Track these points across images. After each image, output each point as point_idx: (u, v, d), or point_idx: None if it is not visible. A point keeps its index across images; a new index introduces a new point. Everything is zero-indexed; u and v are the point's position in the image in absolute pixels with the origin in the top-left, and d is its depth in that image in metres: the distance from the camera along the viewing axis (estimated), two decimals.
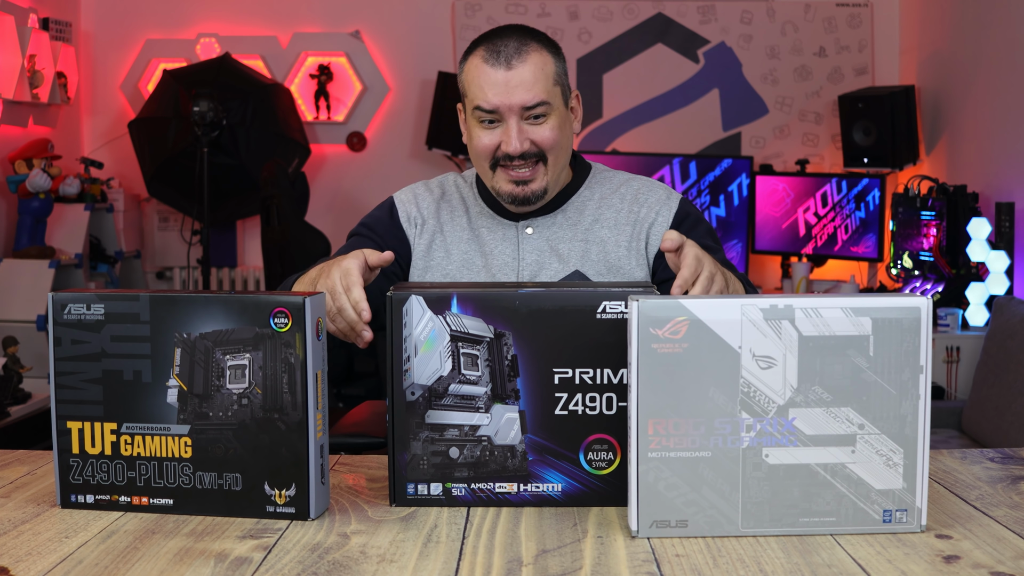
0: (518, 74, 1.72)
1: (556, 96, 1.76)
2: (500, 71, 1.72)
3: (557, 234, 1.83)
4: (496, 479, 1.36)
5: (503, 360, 1.35)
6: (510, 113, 1.73)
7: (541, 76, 1.73)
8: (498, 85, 1.72)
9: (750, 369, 1.25)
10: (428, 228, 1.86)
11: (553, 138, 1.75)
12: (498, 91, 1.72)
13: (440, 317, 1.35)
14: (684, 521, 1.26)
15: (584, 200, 1.86)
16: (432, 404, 1.36)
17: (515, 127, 1.73)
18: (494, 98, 1.72)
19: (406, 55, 5.46)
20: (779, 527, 1.26)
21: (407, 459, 1.37)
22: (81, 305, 1.36)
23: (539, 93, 1.73)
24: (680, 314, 1.24)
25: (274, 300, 1.32)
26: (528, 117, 1.73)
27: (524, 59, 1.73)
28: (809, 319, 1.24)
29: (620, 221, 1.84)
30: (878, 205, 4.81)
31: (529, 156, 1.75)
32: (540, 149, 1.75)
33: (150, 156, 5.13)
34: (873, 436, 1.26)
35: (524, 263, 1.81)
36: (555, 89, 1.76)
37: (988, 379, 3.60)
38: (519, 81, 1.72)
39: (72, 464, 1.37)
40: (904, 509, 1.27)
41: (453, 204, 1.88)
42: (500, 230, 1.84)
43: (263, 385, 1.33)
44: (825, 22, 5.32)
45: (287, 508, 1.33)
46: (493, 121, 1.74)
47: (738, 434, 1.25)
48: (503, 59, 1.73)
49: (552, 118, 1.75)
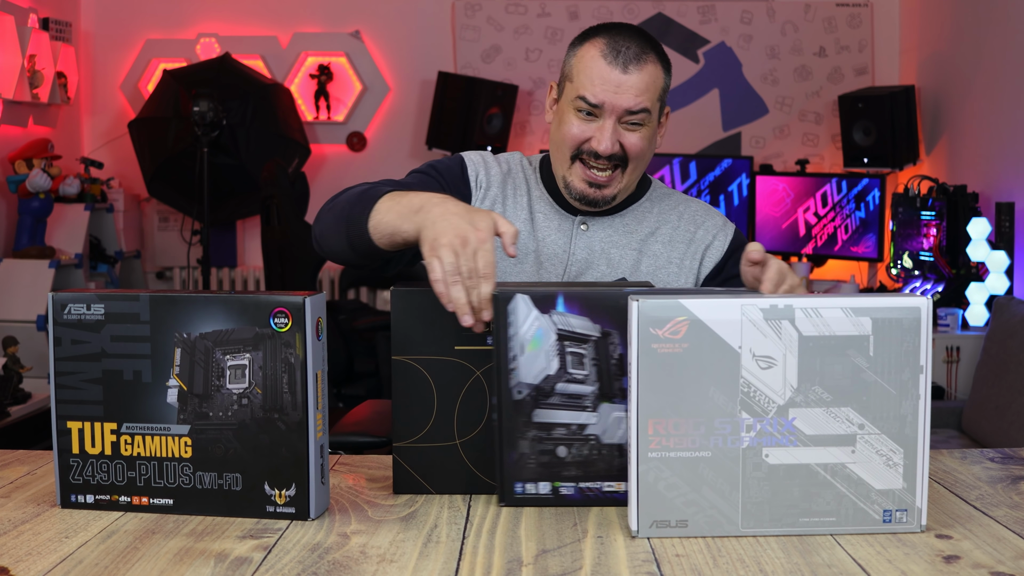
0: (631, 79, 1.71)
1: (656, 109, 1.77)
2: (616, 71, 1.71)
3: (612, 238, 1.83)
4: (604, 478, 1.36)
5: (610, 359, 1.35)
6: (611, 113, 1.72)
7: (652, 87, 1.74)
8: (609, 84, 1.71)
9: (750, 369, 1.25)
10: (491, 196, 1.84)
11: (640, 147, 1.75)
12: (608, 89, 1.72)
13: (546, 316, 1.35)
14: (684, 521, 1.26)
15: (644, 211, 1.86)
16: (539, 403, 1.35)
17: (610, 127, 1.73)
18: (602, 94, 1.72)
19: (406, 55, 5.46)
20: (779, 527, 1.26)
21: (515, 458, 1.36)
22: (81, 305, 1.36)
23: (645, 101, 1.73)
24: (680, 314, 1.24)
25: (274, 300, 1.32)
26: (625, 121, 1.73)
27: (641, 67, 1.72)
28: (809, 319, 1.24)
29: (675, 238, 1.84)
30: (878, 205, 4.81)
31: (613, 159, 1.75)
32: (625, 154, 1.75)
33: (150, 156, 5.13)
34: (873, 436, 1.26)
35: (573, 258, 1.81)
36: (658, 104, 1.77)
37: (988, 379, 3.60)
38: (631, 85, 1.71)
39: (72, 464, 1.37)
40: (904, 509, 1.27)
41: (516, 182, 1.87)
42: (556, 219, 1.84)
43: (263, 385, 1.33)
44: (825, 22, 5.32)
45: (287, 508, 1.33)
46: (591, 115, 1.74)
47: (738, 434, 1.25)
48: (621, 60, 1.72)
49: (646, 128, 1.75)
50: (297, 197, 4.89)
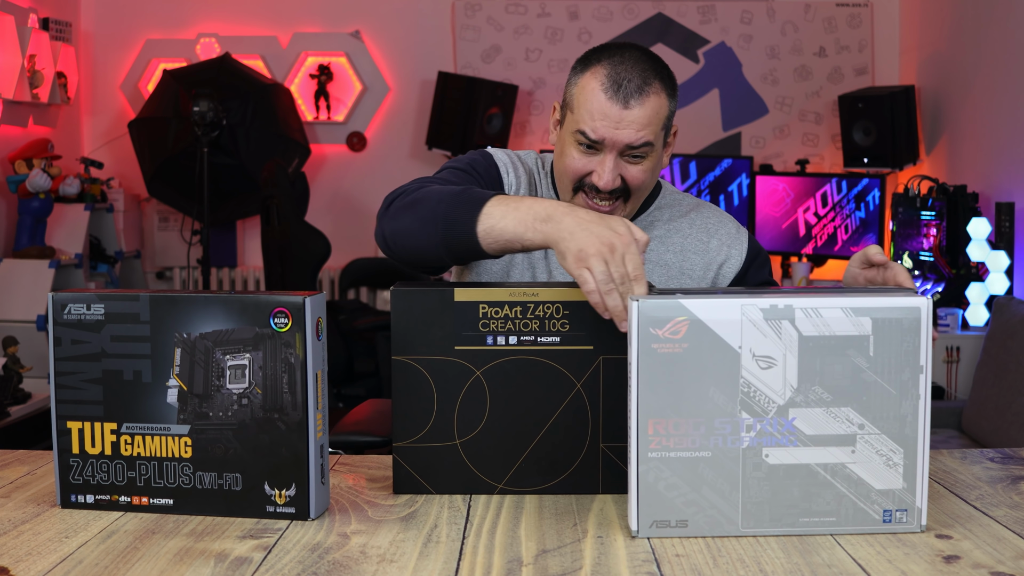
0: (632, 114, 1.65)
1: (660, 138, 1.70)
2: (616, 107, 1.64)
3: None
4: None
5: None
6: (612, 148, 1.67)
7: (655, 119, 1.67)
8: (609, 119, 1.65)
9: (750, 369, 1.25)
10: (511, 191, 1.80)
11: (642, 179, 1.70)
12: (608, 125, 1.65)
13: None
14: (684, 521, 1.26)
15: (653, 220, 1.83)
16: None
17: (611, 162, 1.67)
18: (603, 131, 1.65)
19: (406, 55, 5.46)
20: (779, 527, 1.26)
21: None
22: (81, 305, 1.36)
23: (647, 136, 1.66)
24: (680, 314, 1.24)
25: (274, 300, 1.32)
26: (627, 154, 1.68)
27: (643, 100, 1.65)
28: (809, 319, 1.24)
29: (688, 248, 1.81)
30: (878, 205, 4.81)
31: (615, 192, 1.70)
32: (627, 187, 1.70)
33: (150, 156, 5.13)
34: (873, 436, 1.26)
35: None
36: (661, 133, 1.70)
37: (988, 379, 3.60)
38: (632, 120, 1.65)
39: (72, 464, 1.37)
40: (904, 509, 1.27)
41: (534, 183, 1.84)
42: None
43: (263, 385, 1.33)
44: (825, 22, 5.33)
45: (287, 508, 1.33)
46: (591, 148, 1.68)
47: (738, 434, 1.25)
48: (622, 95, 1.65)
49: (649, 160, 1.70)
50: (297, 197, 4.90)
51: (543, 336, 1.41)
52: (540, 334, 1.41)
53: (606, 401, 1.41)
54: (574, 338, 1.40)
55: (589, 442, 1.42)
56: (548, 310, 1.40)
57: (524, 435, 1.42)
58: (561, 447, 1.42)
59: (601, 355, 1.41)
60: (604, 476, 1.42)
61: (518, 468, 1.42)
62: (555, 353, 1.41)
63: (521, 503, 1.39)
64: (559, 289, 1.41)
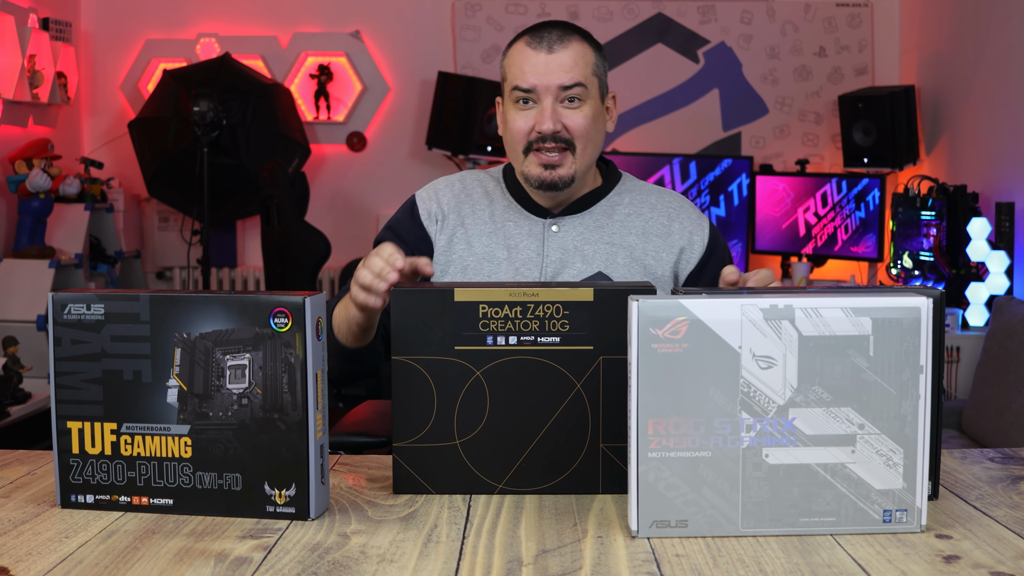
0: (558, 57, 1.77)
1: (593, 85, 1.80)
2: (541, 53, 1.77)
3: (583, 235, 1.84)
4: None
5: None
6: (546, 93, 1.77)
7: (580, 62, 1.78)
8: (538, 66, 1.77)
9: (750, 369, 1.25)
10: (449, 223, 1.87)
11: (584, 126, 1.78)
12: (537, 71, 1.77)
13: None
14: (684, 521, 1.26)
15: (613, 204, 1.88)
16: None
17: (549, 107, 1.77)
18: (532, 78, 1.77)
19: (406, 55, 5.46)
20: (779, 527, 1.26)
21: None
22: (81, 305, 1.36)
23: (577, 75, 1.77)
24: (680, 314, 1.24)
25: (274, 300, 1.32)
26: (563, 99, 1.77)
27: (566, 45, 1.78)
28: (809, 319, 1.24)
29: (650, 231, 1.85)
30: (878, 205, 4.81)
31: (559, 140, 1.77)
32: (570, 136, 1.78)
33: (150, 156, 5.13)
34: (873, 436, 1.26)
35: (548, 260, 1.82)
36: (593, 79, 1.80)
37: (988, 379, 3.60)
38: (558, 64, 1.76)
39: (72, 464, 1.37)
40: (904, 509, 1.27)
41: (475, 199, 1.90)
42: (527, 225, 1.85)
43: (263, 385, 1.33)
44: (825, 22, 5.32)
45: (287, 508, 1.33)
46: (528, 101, 1.78)
47: (738, 434, 1.25)
48: (545, 43, 1.78)
49: (587, 106, 1.79)
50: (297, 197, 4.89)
51: (543, 336, 1.41)
52: (540, 334, 1.41)
53: (606, 401, 1.41)
54: (574, 338, 1.41)
55: (589, 442, 1.42)
56: (548, 310, 1.41)
57: (524, 435, 1.42)
58: (561, 447, 1.42)
59: (601, 355, 1.41)
60: (604, 476, 1.42)
61: (518, 468, 1.42)
62: (555, 353, 1.41)
63: (521, 503, 1.39)
64: (559, 289, 1.41)
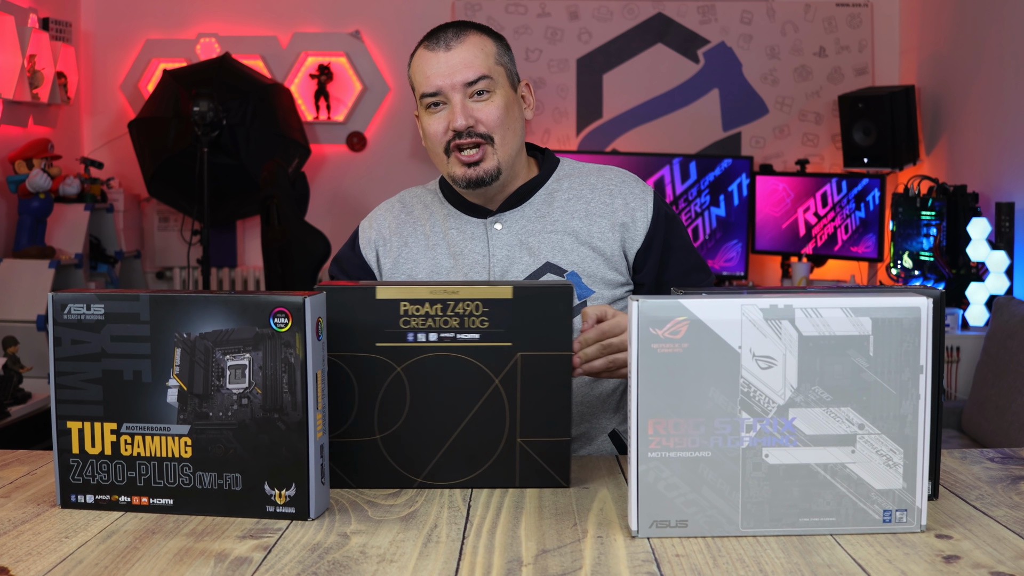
0: (457, 54, 1.76)
1: (500, 75, 1.79)
2: (440, 53, 1.76)
3: (526, 228, 1.82)
4: None
5: None
6: (453, 92, 1.76)
7: (480, 55, 1.77)
8: (439, 66, 1.76)
9: (750, 369, 1.25)
10: (392, 245, 1.88)
11: (497, 116, 1.76)
12: (440, 72, 1.76)
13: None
14: (684, 521, 1.26)
15: (552, 192, 1.85)
16: None
17: (459, 104, 1.76)
18: (436, 79, 1.76)
19: (406, 55, 5.42)
20: (779, 527, 1.26)
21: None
22: (81, 305, 1.36)
23: (480, 68, 1.76)
24: (680, 314, 1.24)
25: (274, 300, 1.32)
26: (471, 95, 1.76)
27: (463, 40, 1.77)
28: (809, 319, 1.24)
29: (592, 212, 1.83)
30: (878, 205, 4.81)
31: (474, 135, 1.76)
32: (486, 130, 1.76)
33: (150, 156, 5.12)
34: (873, 436, 1.26)
35: (495, 259, 1.81)
36: (497, 68, 1.79)
37: (988, 379, 3.60)
38: (458, 60, 1.75)
39: (72, 464, 1.37)
40: (904, 509, 1.27)
41: (415, 215, 1.90)
42: (469, 229, 1.84)
43: (263, 385, 1.33)
44: (825, 22, 5.32)
45: (287, 508, 1.33)
46: (438, 104, 1.78)
47: (738, 434, 1.25)
48: (443, 43, 1.77)
49: (496, 96, 1.77)
50: (297, 197, 4.89)
51: (463, 333, 1.44)
52: (460, 331, 1.44)
53: (524, 397, 1.44)
54: (493, 335, 1.43)
55: (507, 437, 1.45)
56: (468, 308, 1.43)
57: (443, 430, 1.45)
58: (479, 441, 1.45)
59: (519, 352, 1.43)
60: (521, 469, 1.45)
61: (437, 462, 1.45)
62: (474, 350, 1.44)
63: (521, 503, 1.39)
64: (479, 287, 1.44)
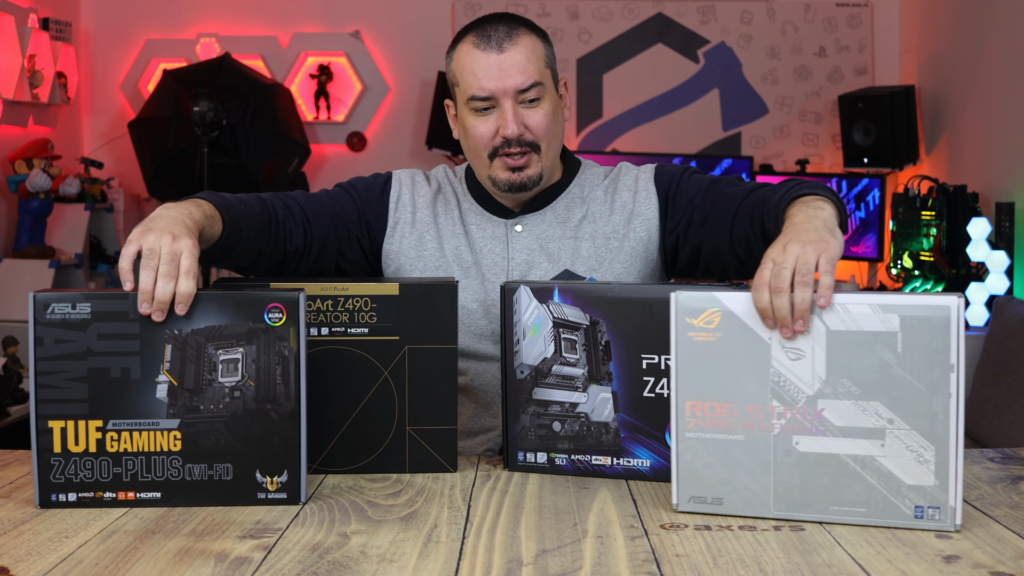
0: (510, 56, 1.70)
1: (548, 79, 1.75)
2: (492, 55, 1.70)
3: (547, 232, 1.81)
4: (593, 452, 1.51)
5: (598, 345, 1.49)
6: (505, 97, 1.71)
7: (533, 58, 1.72)
8: (491, 69, 1.70)
9: (780, 359, 1.29)
10: (421, 219, 1.83)
11: (547, 124, 1.73)
12: (491, 75, 1.70)
13: (544, 305, 1.51)
14: (720, 499, 1.31)
15: (573, 196, 1.84)
16: (538, 382, 1.52)
17: (511, 110, 1.71)
18: (488, 83, 1.70)
19: (406, 55, 5.46)
20: (810, 513, 1.29)
21: (517, 430, 1.53)
22: (66, 304, 1.35)
23: (533, 74, 1.71)
24: (713, 306, 1.30)
25: (268, 296, 1.32)
26: (523, 101, 1.72)
27: (515, 41, 1.71)
28: (836, 314, 1.28)
29: (603, 213, 1.81)
30: (878, 205, 4.81)
31: (524, 143, 1.72)
32: (533, 138, 1.73)
33: (150, 156, 5.12)
34: (903, 432, 1.27)
35: (514, 262, 1.79)
36: (546, 72, 1.75)
37: (988, 379, 3.60)
38: (512, 63, 1.70)
39: (53, 463, 1.36)
40: (937, 507, 1.27)
41: (447, 198, 1.86)
42: (489, 228, 1.82)
43: (256, 378, 1.33)
44: (825, 22, 5.32)
45: (279, 494, 1.33)
46: (488, 108, 1.72)
47: (769, 421, 1.29)
48: (494, 43, 1.70)
49: (546, 102, 1.73)
50: None
51: (352, 327, 1.50)
52: (350, 325, 1.50)
53: (411, 387, 1.50)
54: (381, 329, 1.50)
55: (396, 425, 1.51)
56: (357, 303, 1.49)
57: (335, 419, 1.50)
58: (370, 430, 1.51)
59: (406, 345, 1.50)
60: (411, 456, 1.52)
61: (330, 450, 1.51)
62: (364, 343, 1.50)
63: (521, 503, 1.39)
64: (367, 284, 1.50)
